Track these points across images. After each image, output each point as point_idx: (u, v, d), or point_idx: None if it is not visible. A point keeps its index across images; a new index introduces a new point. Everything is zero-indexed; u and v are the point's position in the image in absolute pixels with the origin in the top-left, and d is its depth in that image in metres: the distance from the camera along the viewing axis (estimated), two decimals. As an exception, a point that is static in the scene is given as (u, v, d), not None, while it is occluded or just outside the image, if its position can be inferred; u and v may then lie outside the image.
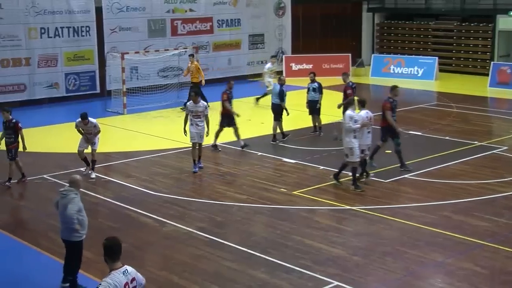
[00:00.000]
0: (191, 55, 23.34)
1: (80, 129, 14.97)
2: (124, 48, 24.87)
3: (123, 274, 6.37)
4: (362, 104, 14.52)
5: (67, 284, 9.67)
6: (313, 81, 19.00)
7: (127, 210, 13.03)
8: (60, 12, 24.27)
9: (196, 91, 15.72)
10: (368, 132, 14.39)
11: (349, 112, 13.92)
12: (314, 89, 18.96)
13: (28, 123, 21.19)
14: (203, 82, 22.75)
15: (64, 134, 19.55)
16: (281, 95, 18.56)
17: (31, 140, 19.14)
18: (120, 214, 12.90)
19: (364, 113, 14.30)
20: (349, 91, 18.05)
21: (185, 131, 15.73)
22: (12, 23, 23.24)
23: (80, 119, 14.81)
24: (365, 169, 14.62)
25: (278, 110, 18.49)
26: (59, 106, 24.20)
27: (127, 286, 6.35)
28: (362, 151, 14.22)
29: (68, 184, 9.56)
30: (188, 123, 15.63)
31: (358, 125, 13.79)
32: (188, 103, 15.93)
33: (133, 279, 6.43)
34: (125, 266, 6.47)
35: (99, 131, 15.00)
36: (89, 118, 14.82)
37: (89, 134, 14.90)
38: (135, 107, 23.03)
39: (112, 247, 6.40)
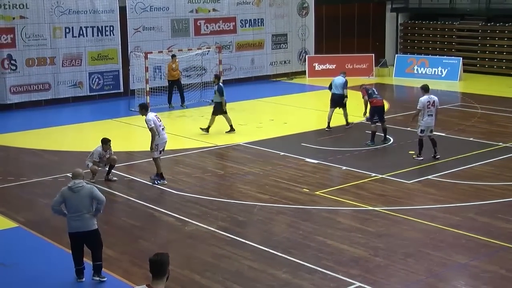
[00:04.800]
0: (174, 56, 23.61)
1: (97, 160, 14.63)
2: (148, 47, 25.01)
3: None
4: (425, 89, 15.97)
5: (97, 278, 9.88)
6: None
7: (149, 209, 13.08)
8: (84, 12, 24.46)
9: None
10: (430, 115, 15.80)
11: None
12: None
13: (52, 122, 21.51)
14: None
15: (87, 133, 19.72)
16: (345, 86, 19.74)
17: (55, 138, 19.38)
18: (143, 213, 12.96)
19: (425, 98, 15.79)
20: (363, 92, 18.37)
21: None
22: (37, 22, 23.48)
23: (101, 144, 14.63)
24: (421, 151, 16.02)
25: (340, 100, 19.58)
26: (83, 105, 24.40)
27: None
28: (422, 131, 15.89)
29: (72, 179, 9.66)
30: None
31: None
32: None
33: None
34: None
35: (111, 154, 14.87)
36: None
37: (104, 161, 14.78)
38: (158, 106, 23.11)
39: (152, 263, 6.04)
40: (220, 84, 19.50)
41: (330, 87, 20.04)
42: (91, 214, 9.60)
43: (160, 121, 14.58)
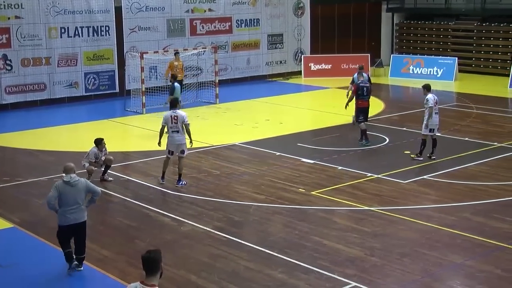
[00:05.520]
0: (177, 53, 23.54)
1: (93, 161, 14.68)
2: (143, 47, 24.99)
3: None
4: (428, 88, 16.15)
5: (81, 268, 10.20)
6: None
7: (145, 209, 13.07)
8: (80, 12, 24.43)
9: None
10: (436, 113, 16.03)
11: None
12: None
13: (48, 122, 21.48)
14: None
15: (83, 133, 19.69)
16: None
17: (51, 138, 19.36)
18: (139, 213, 12.94)
19: (432, 96, 15.91)
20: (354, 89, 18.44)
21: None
22: (32, 22, 23.44)
23: (95, 145, 14.72)
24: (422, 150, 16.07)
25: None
26: (79, 105, 24.37)
27: None
28: (432, 130, 15.99)
29: (67, 174, 9.92)
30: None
31: None
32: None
33: None
34: (149, 287, 5.99)
35: (106, 154, 14.91)
36: None
37: (100, 162, 14.80)
38: (154, 106, 23.10)
39: (144, 260, 6.10)
40: (175, 84, 19.55)
41: (352, 82, 20.23)
42: (85, 206, 10.05)
43: (176, 122, 14.38)
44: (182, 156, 14.53)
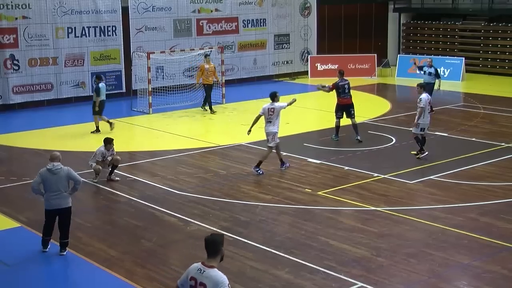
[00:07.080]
0: (207, 55, 23.35)
1: (100, 160, 14.72)
2: (150, 47, 25.02)
3: (198, 270, 6.29)
4: (424, 87, 16.60)
5: (65, 252, 10.76)
6: (430, 66, 21.94)
7: (152, 209, 13.09)
8: (86, 12, 24.49)
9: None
10: (429, 112, 16.25)
11: None
12: (430, 73, 21.71)
13: (54, 122, 21.53)
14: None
15: (90, 133, 19.71)
16: (437, 75, 21.81)
17: (57, 138, 19.39)
18: (145, 212, 12.96)
19: (426, 96, 16.09)
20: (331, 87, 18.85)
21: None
22: (39, 22, 23.51)
23: (103, 144, 14.76)
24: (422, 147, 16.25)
25: (432, 87, 21.12)
26: (85, 105, 24.34)
27: (192, 281, 6.28)
28: (422, 130, 16.13)
29: (51, 161, 10.71)
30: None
31: None
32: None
33: (201, 283, 6.22)
34: (208, 268, 6.26)
35: (113, 154, 14.91)
36: None
37: (107, 161, 14.80)
38: (160, 106, 23.14)
39: (206, 241, 6.37)
40: (99, 84, 19.62)
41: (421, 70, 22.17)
42: (68, 193, 10.72)
43: (272, 114, 15.47)
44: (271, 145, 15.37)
